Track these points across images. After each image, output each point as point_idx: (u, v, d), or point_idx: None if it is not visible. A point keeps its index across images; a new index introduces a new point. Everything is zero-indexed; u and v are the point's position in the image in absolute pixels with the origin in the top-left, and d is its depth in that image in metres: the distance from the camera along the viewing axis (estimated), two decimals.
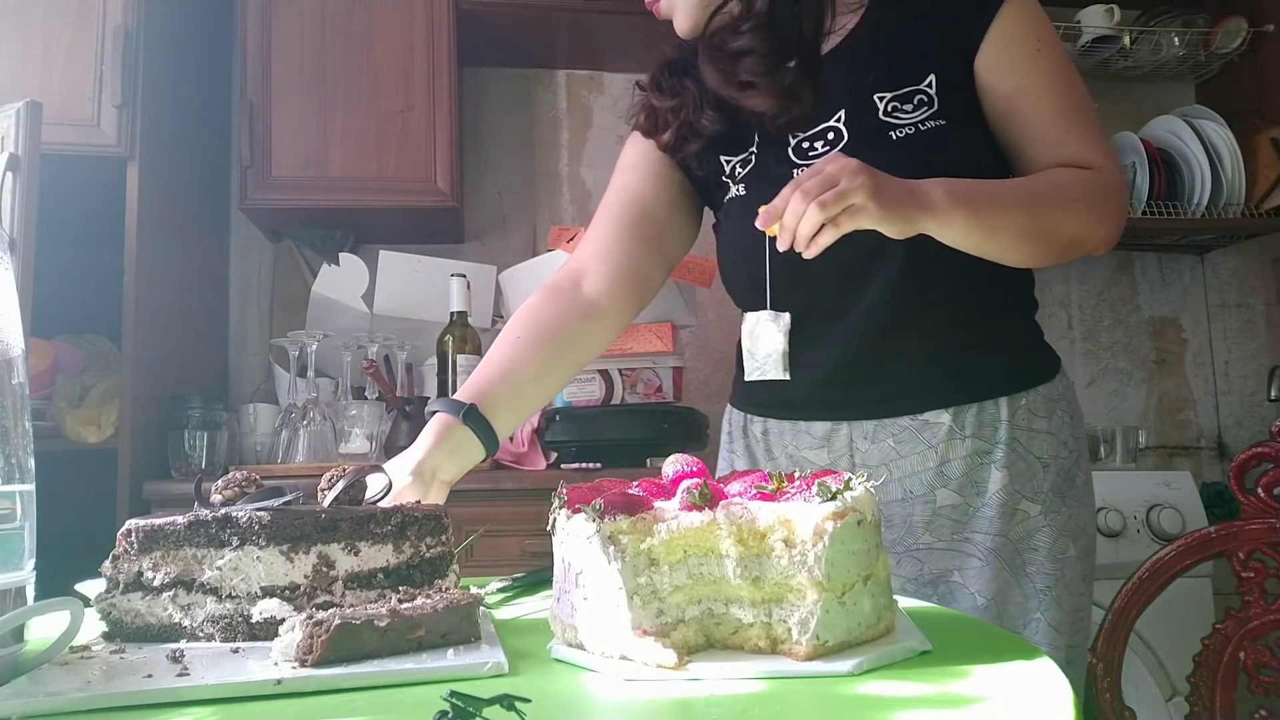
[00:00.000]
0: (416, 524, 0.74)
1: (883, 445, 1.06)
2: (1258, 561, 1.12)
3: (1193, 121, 2.47)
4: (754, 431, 1.19)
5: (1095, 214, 1.00)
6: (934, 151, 1.00)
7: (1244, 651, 1.11)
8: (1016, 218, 0.96)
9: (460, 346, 2.03)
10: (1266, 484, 1.12)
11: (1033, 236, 0.98)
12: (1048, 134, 1.02)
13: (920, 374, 1.05)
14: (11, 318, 0.62)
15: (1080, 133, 1.02)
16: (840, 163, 0.87)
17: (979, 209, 0.93)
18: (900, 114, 1.02)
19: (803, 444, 1.12)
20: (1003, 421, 1.03)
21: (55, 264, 1.60)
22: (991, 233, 0.95)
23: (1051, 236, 0.99)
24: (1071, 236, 1.00)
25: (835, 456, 1.10)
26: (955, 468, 1.04)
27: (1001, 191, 0.97)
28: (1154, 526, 1.98)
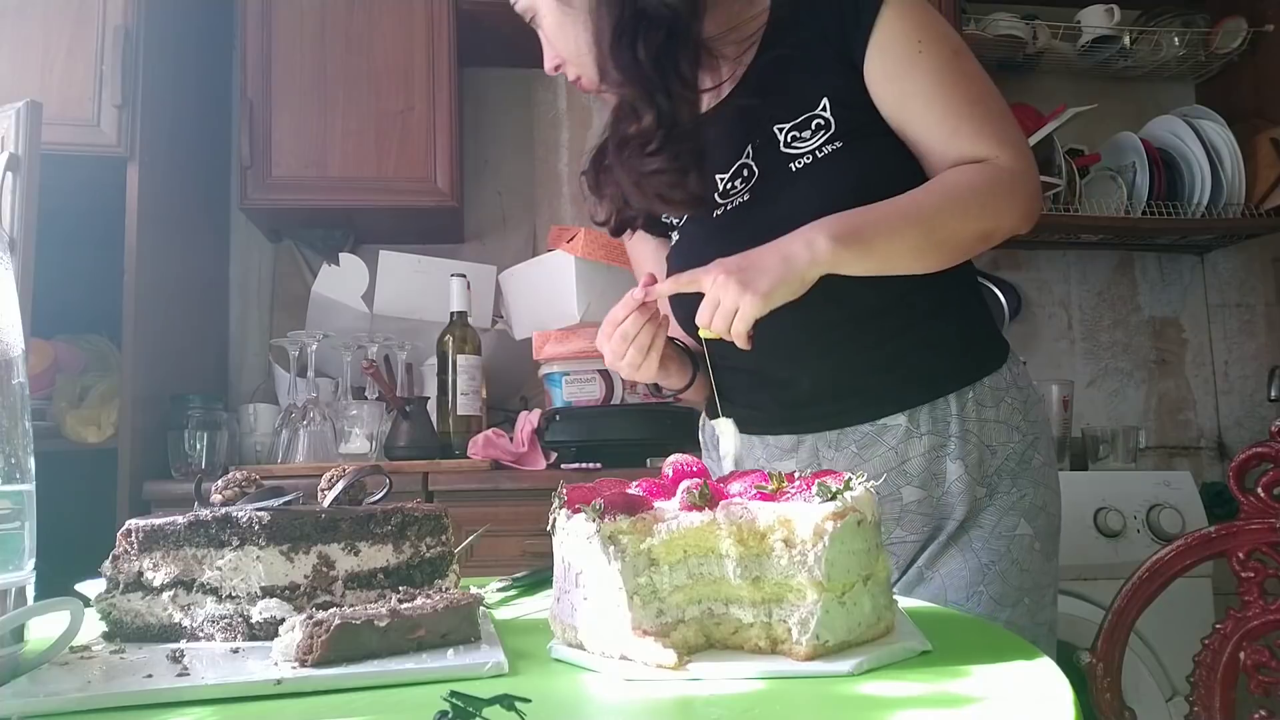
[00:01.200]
0: (416, 524, 0.74)
1: (846, 451, 1.10)
2: (1257, 561, 1.12)
3: (1193, 121, 2.47)
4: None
5: (993, 208, 1.00)
6: (833, 175, 1.02)
7: (1244, 651, 1.11)
8: (910, 237, 0.98)
9: (460, 346, 2.03)
10: (1266, 484, 1.12)
11: (931, 248, 1.00)
12: (939, 135, 1.01)
13: (872, 386, 1.09)
14: (11, 318, 0.62)
15: (970, 127, 1.01)
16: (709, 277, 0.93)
17: (868, 242, 0.95)
18: (799, 143, 1.04)
19: (772, 456, 1.15)
20: (954, 416, 1.07)
21: (55, 264, 1.60)
22: (887, 258, 0.98)
23: (949, 242, 1.00)
24: (974, 234, 1.01)
25: (802, 465, 1.12)
26: (915, 464, 1.07)
27: (891, 215, 0.98)
28: (1154, 526, 1.98)
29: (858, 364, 1.08)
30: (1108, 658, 1.14)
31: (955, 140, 1.01)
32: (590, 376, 1.94)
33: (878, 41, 1.01)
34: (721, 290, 0.92)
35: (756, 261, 0.94)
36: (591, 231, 1.85)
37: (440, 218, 2.28)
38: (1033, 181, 1.03)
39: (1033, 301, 2.75)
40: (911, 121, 1.02)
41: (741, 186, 1.08)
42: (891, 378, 1.08)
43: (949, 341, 1.09)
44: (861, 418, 1.09)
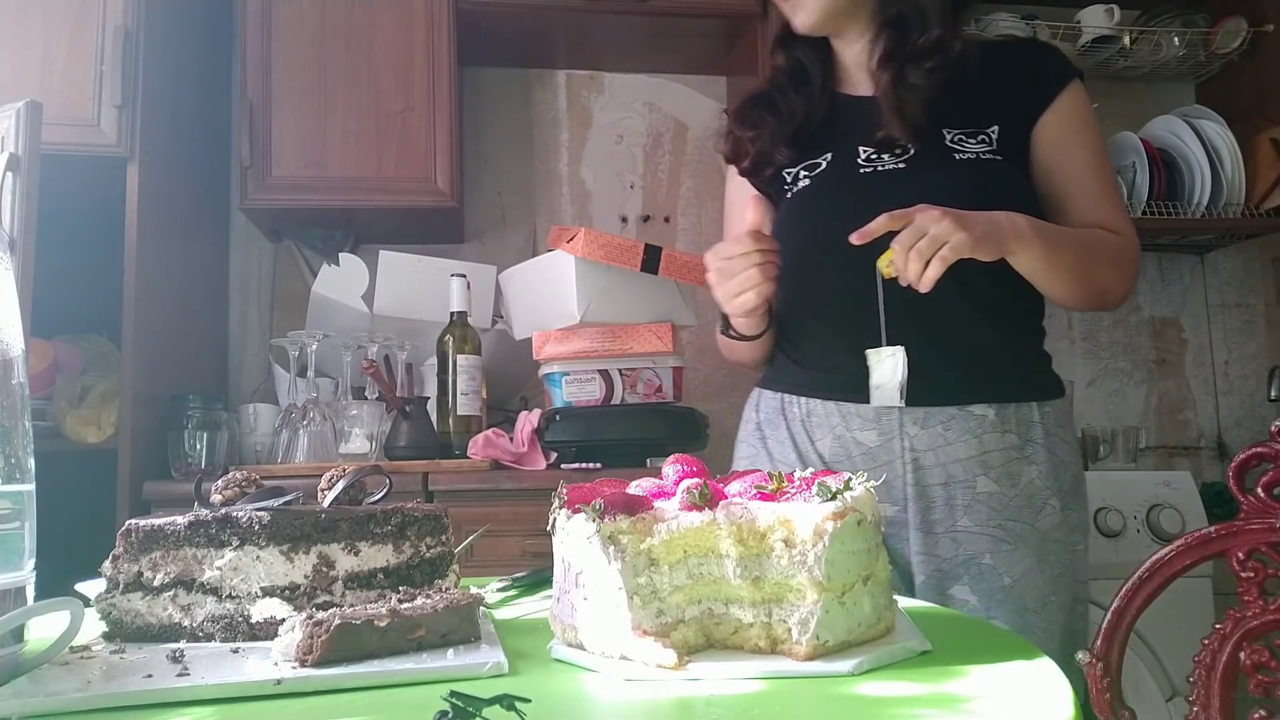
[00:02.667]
0: (416, 524, 0.74)
1: (932, 430, 1.17)
2: (1257, 561, 1.12)
3: (1193, 121, 2.47)
4: (793, 413, 1.26)
5: (1121, 271, 1.21)
6: (989, 177, 1.17)
7: (1243, 652, 1.11)
8: (1072, 258, 1.14)
9: (460, 346, 2.03)
10: (1266, 484, 1.12)
11: (1080, 277, 1.16)
12: (1088, 196, 1.21)
13: (970, 371, 1.18)
14: (11, 318, 0.62)
15: (1111, 202, 1.23)
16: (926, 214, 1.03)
17: (1052, 243, 1.11)
18: (963, 145, 1.20)
19: (853, 425, 1.20)
20: (1036, 422, 1.19)
21: (55, 264, 1.60)
22: (1056, 266, 1.13)
23: (1090, 280, 1.18)
24: (1102, 285, 1.20)
25: (886, 438, 1.19)
26: (995, 458, 1.17)
27: (1069, 237, 1.16)
28: (1154, 526, 1.98)
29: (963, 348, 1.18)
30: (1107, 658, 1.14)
31: (1099, 206, 1.22)
32: (590, 376, 1.94)
33: (1057, 109, 1.22)
34: (935, 223, 1.02)
35: (969, 215, 1.04)
36: (591, 231, 1.85)
37: (440, 218, 2.28)
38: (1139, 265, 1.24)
39: None
40: (1067, 177, 1.22)
41: (890, 160, 1.22)
42: (985, 370, 1.18)
43: (1031, 358, 1.25)
44: (953, 399, 1.17)
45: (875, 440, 1.19)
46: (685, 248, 2.57)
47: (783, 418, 1.27)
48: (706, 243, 2.64)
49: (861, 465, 1.19)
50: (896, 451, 1.18)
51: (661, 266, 1.86)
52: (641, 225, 2.61)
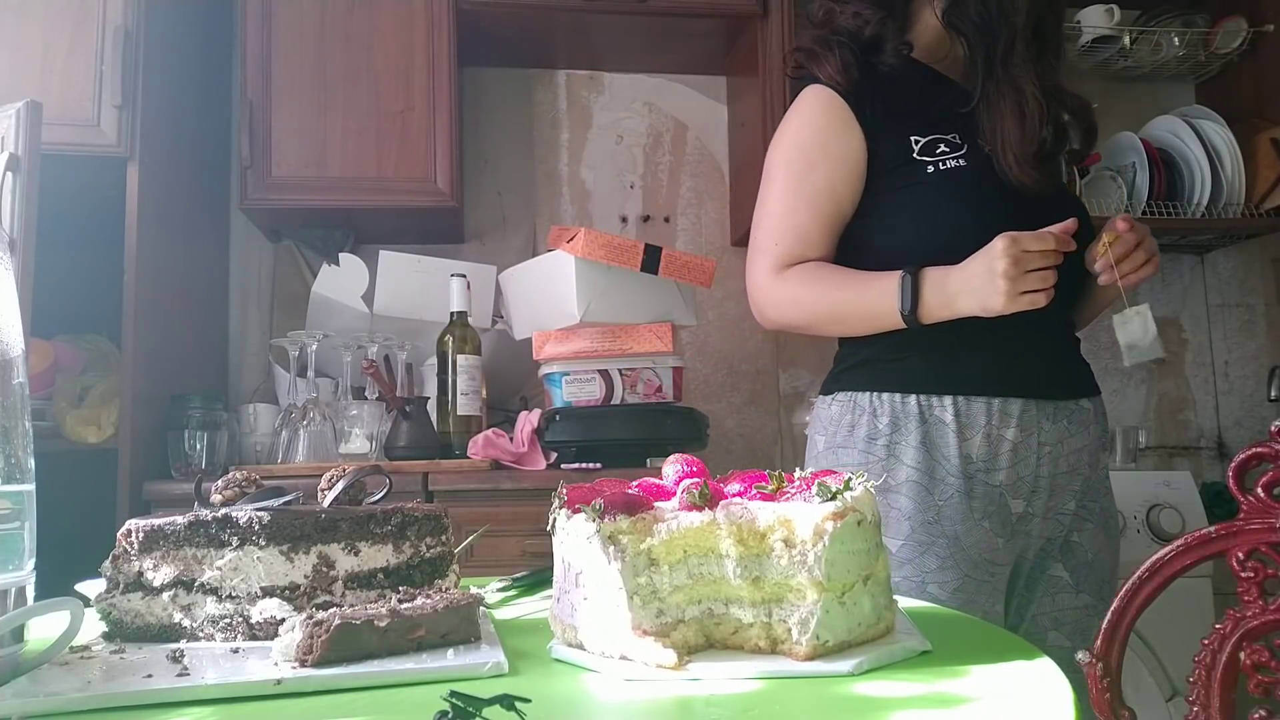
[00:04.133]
0: (416, 524, 0.74)
1: (1060, 424, 1.24)
2: (1257, 561, 1.12)
3: (1193, 121, 2.47)
4: (939, 416, 1.20)
5: None
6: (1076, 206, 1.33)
7: (1243, 652, 1.11)
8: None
9: (460, 346, 2.03)
10: (1266, 484, 1.12)
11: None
12: None
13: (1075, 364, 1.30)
14: (11, 318, 0.62)
15: None
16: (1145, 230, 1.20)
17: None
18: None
19: (1003, 422, 1.21)
20: (1103, 414, 1.31)
21: (55, 264, 1.60)
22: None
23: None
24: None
25: (1025, 434, 1.22)
26: (1095, 446, 1.27)
27: None
28: (1154, 526, 1.98)
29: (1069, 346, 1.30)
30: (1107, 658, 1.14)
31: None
32: (590, 376, 1.94)
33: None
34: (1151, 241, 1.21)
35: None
36: (591, 231, 1.85)
37: (440, 218, 2.28)
38: None
39: None
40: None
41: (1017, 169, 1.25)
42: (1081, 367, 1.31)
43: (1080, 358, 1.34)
44: (1073, 392, 1.26)
45: (1017, 437, 1.21)
46: (685, 248, 2.57)
47: (921, 422, 1.20)
48: (707, 242, 2.66)
49: (1006, 463, 1.20)
50: (1033, 447, 1.22)
51: (661, 266, 1.86)
52: (641, 225, 2.61)
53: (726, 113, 2.65)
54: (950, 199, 1.21)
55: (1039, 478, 1.23)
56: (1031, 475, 1.22)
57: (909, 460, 1.19)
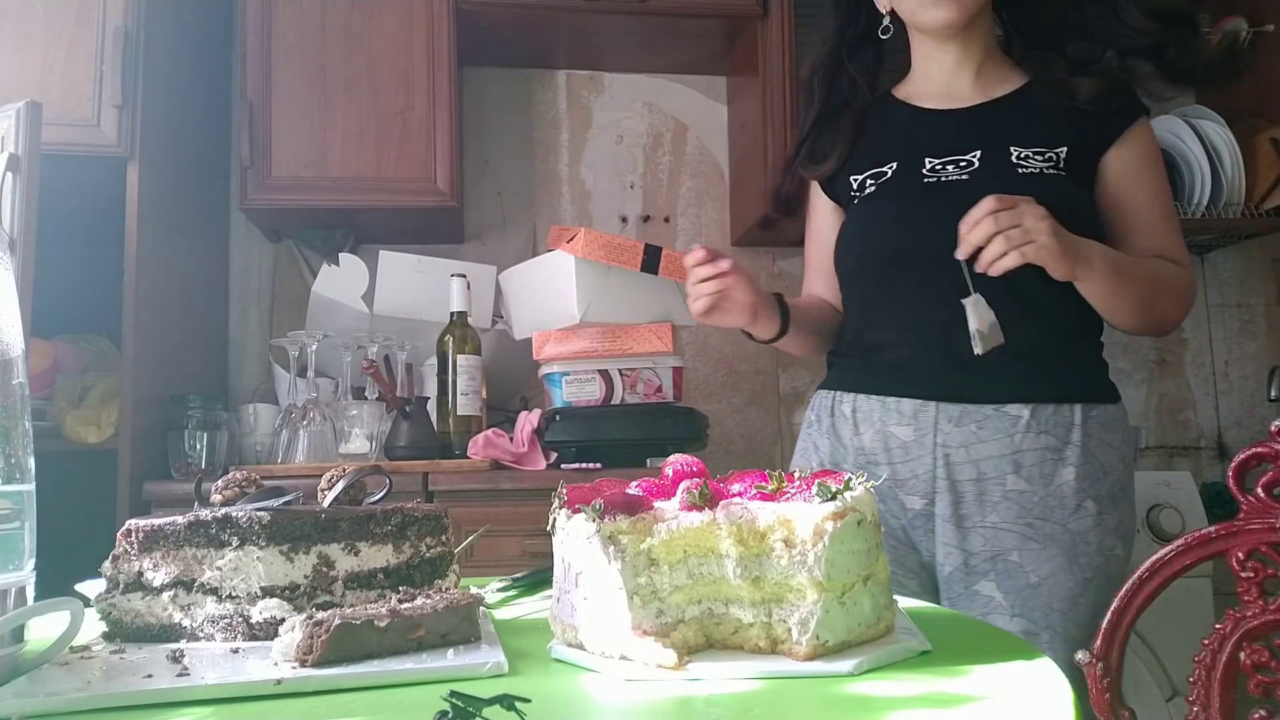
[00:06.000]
0: (416, 524, 0.74)
1: (965, 429, 1.21)
2: (1257, 561, 1.12)
3: (1193, 121, 2.47)
4: (842, 410, 1.32)
5: (1180, 303, 1.27)
6: (1052, 193, 1.18)
7: (1243, 652, 1.11)
8: (1141, 290, 1.20)
9: (460, 346, 2.03)
10: (1266, 484, 1.12)
11: (1141, 307, 1.21)
12: (1152, 226, 1.27)
13: (1007, 369, 1.20)
14: (11, 318, 0.62)
15: (1174, 234, 1.28)
16: (1031, 203, 1.09)
17: (1121, 278, 1.17)
18: (1029, 162, 1.24)
19: (890, 420, 1.25)
20: (1076, 425, 1.21)
21: (55, 264, 1.60)
22: (1120, 297, 1.18)
23: (1151, 310, 1.23)
24: (1160, 316, 1.25)
25: (920, 434, 1.23)
26: (1028, 458, 1.20)
27: (1138, 268, 1.21)
28: (1154, 526, 1.98)
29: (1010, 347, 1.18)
30: (1107, 658, 1.14)
31: (1162, 236, 1.27)
32: (590, 376, 1.94)
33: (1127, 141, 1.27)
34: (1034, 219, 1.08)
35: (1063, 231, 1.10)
36: (591, 231, 1.85)
37: (440, 218, 2.28)
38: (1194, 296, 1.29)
39: None
40: (1134, 208, 1.27)
41: (955, 171, 1.26)
42: (1022, 367, 1.20)
43: (1080, 362, 1.27)
44: (989, 398, 1.21)
45: (911, 436, 1.24)
46: (685, 248, 2.57)
47: (830, 415, 1.33)
48: (706, 242, 2.64)
49: (897, 459, 1.25)
50: (929, 447, 1.22)
51: (661, 266, 1.86)
52: (641, 225, 2.61)
53: (726, 113, 2.65)
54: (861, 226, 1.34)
55: (936, 479, 1.22)
56: (928, 475, 1.23)
57: (822, 448, 1.33)
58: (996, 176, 1.22)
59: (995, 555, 1.19)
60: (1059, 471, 1.19)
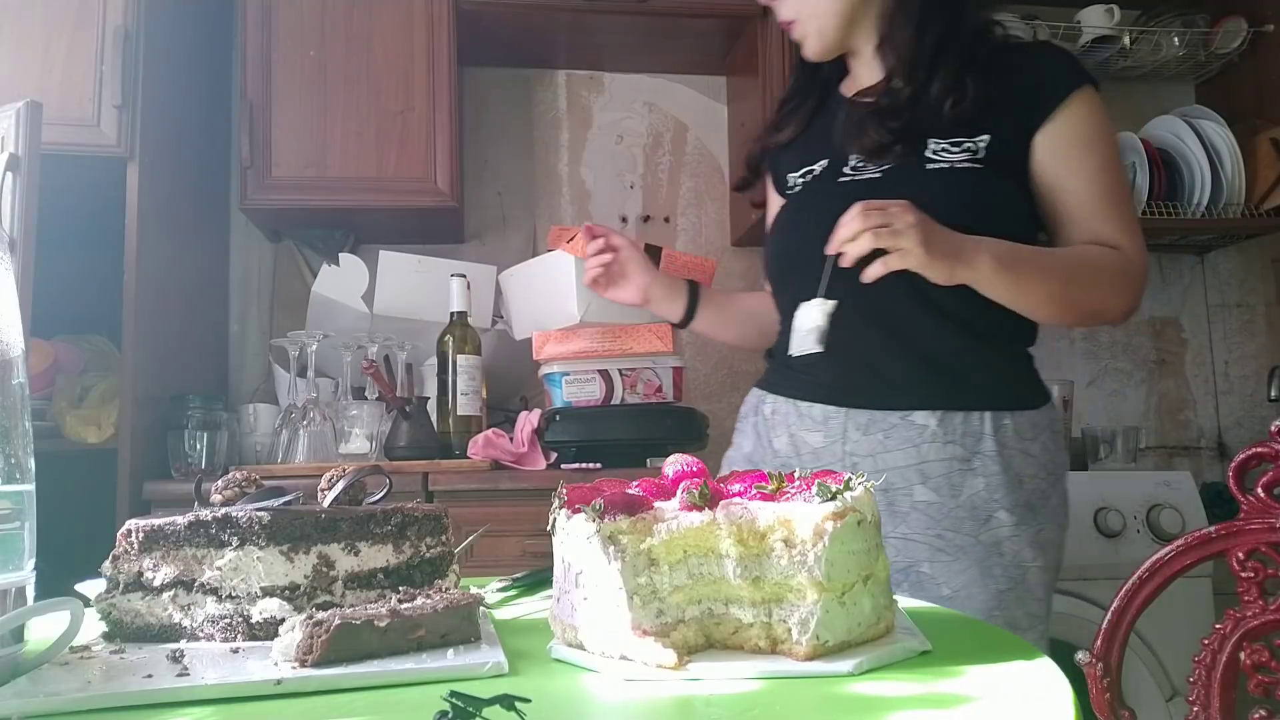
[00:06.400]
0: (416, 524, 0.74)
1: (873, 438, 1.17)
2: (1257, 561, 1.12)
3: (1193, 121, 2.47)
4: (764, 411, 1.30)
5: (1121, 289, 1.16)
6: (958, 188, 1.15)
7: (1243, 652, 1.11)
8: (1051, 286, 1.13)
9: (460, 346, 2.03)
10: (1266, 484, 1.12)
11: (1060, 303, 1.15)
12: (1088, 211, 1.17)
13: (913, 376, 1.17)
14: (11, 318, 0.62)
15: (1116, 216, 1.17)
16: (903, 207, 1.04)
17: (1020, 275, 1.10)
18: (942, 156, 1.17)
19: (803, 425, 1.23)
20: (987, 435, 1.15)
21: (55, 264, 1.60)
22: (1024, 295, 1.12)
23: (1076, 305, 1.16)
24: (1095, 307, 1.18)
25: (830, 441, 1.20)
26: (935, 468, 1.14)
27: (1043, 261, 1.13)
28: (1154, 526, 1.98)
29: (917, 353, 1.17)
30: (1107, 658, 1.14)
31: (1101, 221, 1.17)
32: (590, 376, 1.94)
33: (1063, 118, 1.16)
34: (902, 223, 1.03)
35: (938, 234, 1.05)
36: None
37: (440, 218, 2.28)
38: (1144, 278, 1.19)
39: None
40: (1067, 191, 1.18)
41: (872, 169, 1.21)
42: (930, 374, 1.16)
43: (995, 367, 1.19)
44: (891, 405, 1.16)
45: (820, 442, 1.21)
46: (685, 248, 2.57)
47: (754, 414, 1.32)
48: (707, 242, 2.66)
49: (808, 464, 1.21)
50: (838, 454, 1.18)
51: (661, 266, 1.85)
52: (641, 225, 2.61)
53: (726, 113, 2.65)
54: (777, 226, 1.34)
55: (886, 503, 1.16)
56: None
57: (745, 447, 1.33)
58: (909, 175, 1.17)
59: (907, 567, 1.14)
60: (968, 482, 1.14)
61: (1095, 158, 1.18)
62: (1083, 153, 1.17)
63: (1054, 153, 1.17)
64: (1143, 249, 1.18)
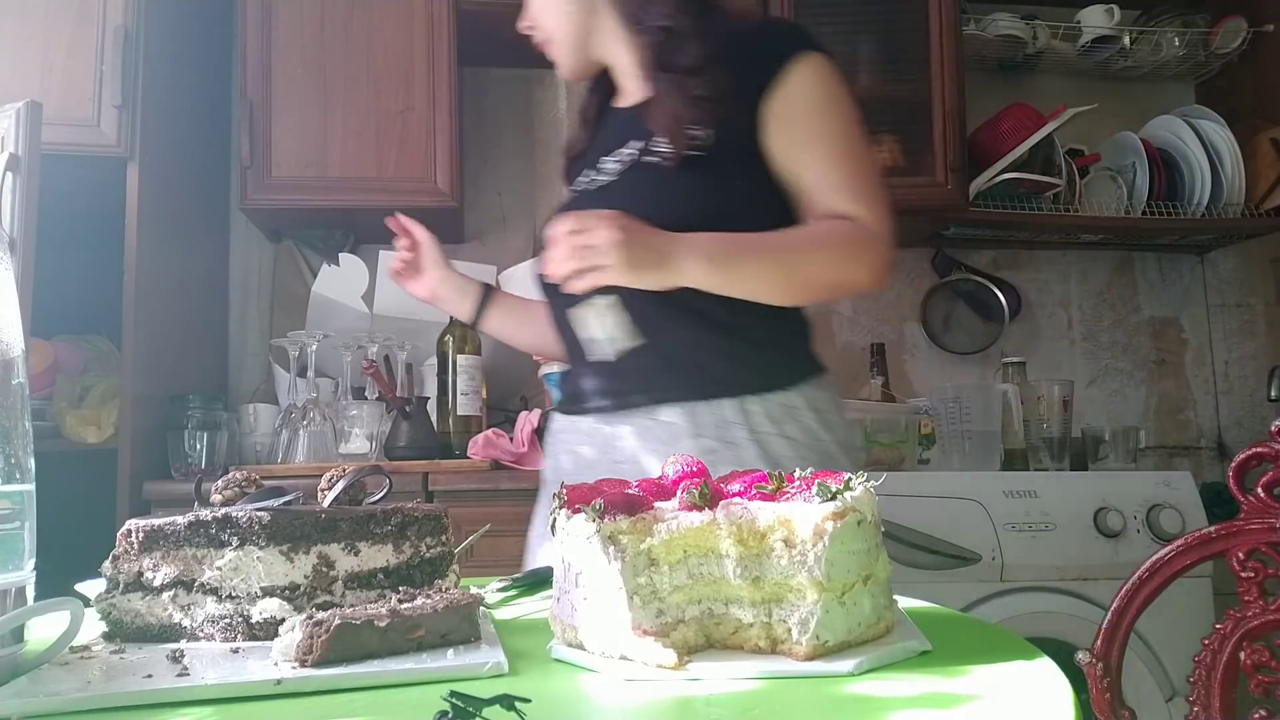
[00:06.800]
0: (416, 524, 0.74)
1: (632, 442, 1.15)
2: (1257, 561, 1.12)
3: (1193, 121, 2.47)
4: (554, 428, 1.29)
5: (850, 261, 1.11)
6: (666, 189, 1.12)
7: (1244, 652, 1.11)
8: (773, 271, 1.10)
9: (460, 346, 2.03)
10: (1266, 484, 1.12)
11: (790, 285, 1.12)
12: (820, 186, 1.12)
13: (656, 373, 1.14)
14: (11, 318, 0.62)
15: (848, 189, 1.12)
16: (605, 222, 1.02)
17: (737, 267, 1.08)
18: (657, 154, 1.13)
19: (579, 439, 1.21)
20: (734, 422, 1.11)
21: (55, 264, 1.60)
22: (747, 285, 1.10)
23: (810, 283, 1.13)
24: (831, 282, 1.14)
25: (599, 452, 1.17)
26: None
27: (759, 249, 1.10)
28: (1154, 526, 1.98)
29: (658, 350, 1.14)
30: (1107, 658, 1.14)
31: (832, 194, 1.12)
32: None
33: (785, 91, 1.11)
34: (603, 241, 1.01)
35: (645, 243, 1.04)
36: None
37: (440, 218, 2.27)
38: (887, 246, 1.13)
39: (1033, 301, 2.75)
40: (799, 164, 1.13)
41: (610, 173, 1.19)
42: (670, 372, 1.14)
43: (737, 354, 1.14)
44: (640, 405, 1.14)
45: (592, 454, 1.18)
46: None
47: (550, 433, 1.31)
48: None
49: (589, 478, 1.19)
50: (608, 465, 1.15)
51: None
52: None
53: None
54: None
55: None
56: None
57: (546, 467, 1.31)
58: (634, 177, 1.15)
59: None
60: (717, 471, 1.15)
61: (822, 128, 1.13)
62: (808, 124, 1.12)
63: (780, 128, 1.12)
64: (881, 214, 1.13)
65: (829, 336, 2.62)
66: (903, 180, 2.30)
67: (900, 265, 2.71)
